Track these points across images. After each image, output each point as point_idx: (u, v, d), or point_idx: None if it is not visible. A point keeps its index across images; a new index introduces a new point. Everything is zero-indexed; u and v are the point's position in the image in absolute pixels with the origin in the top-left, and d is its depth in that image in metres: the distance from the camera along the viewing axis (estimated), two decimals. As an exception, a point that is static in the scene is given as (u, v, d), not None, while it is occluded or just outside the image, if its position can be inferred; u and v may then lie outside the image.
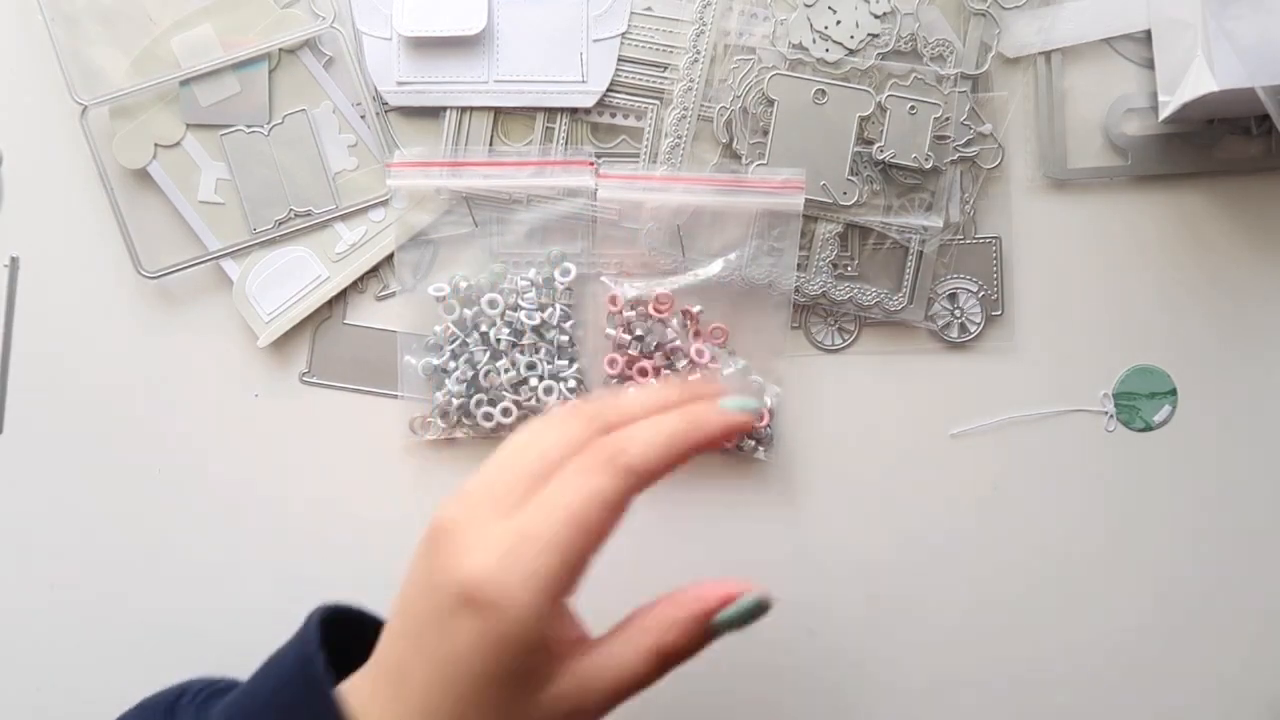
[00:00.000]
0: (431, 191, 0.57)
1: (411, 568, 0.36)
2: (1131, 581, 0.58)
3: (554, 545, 0.33)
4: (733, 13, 0.56)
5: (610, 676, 0.35)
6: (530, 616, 0.33)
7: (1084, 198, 0.58)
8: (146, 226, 0.58)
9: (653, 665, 0.35)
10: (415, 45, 0.57)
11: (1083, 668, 0.58)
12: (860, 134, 0.56)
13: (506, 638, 0.33)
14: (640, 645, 0.35)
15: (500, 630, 0.33)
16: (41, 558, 0.59)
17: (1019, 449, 0.58)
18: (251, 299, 0.57)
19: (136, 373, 0.59)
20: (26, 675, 0.59)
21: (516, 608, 0.32)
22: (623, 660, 0.35)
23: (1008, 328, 0.58)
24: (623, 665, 0.35)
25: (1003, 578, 0.58)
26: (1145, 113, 0.57)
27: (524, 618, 0.33)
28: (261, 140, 0.57)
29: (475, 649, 0.33)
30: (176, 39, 0.56)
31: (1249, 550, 0.58)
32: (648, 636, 0.36)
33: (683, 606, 0.36)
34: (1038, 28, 0.57)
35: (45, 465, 0.59)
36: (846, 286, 0.57)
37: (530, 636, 0.33)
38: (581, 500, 0.34)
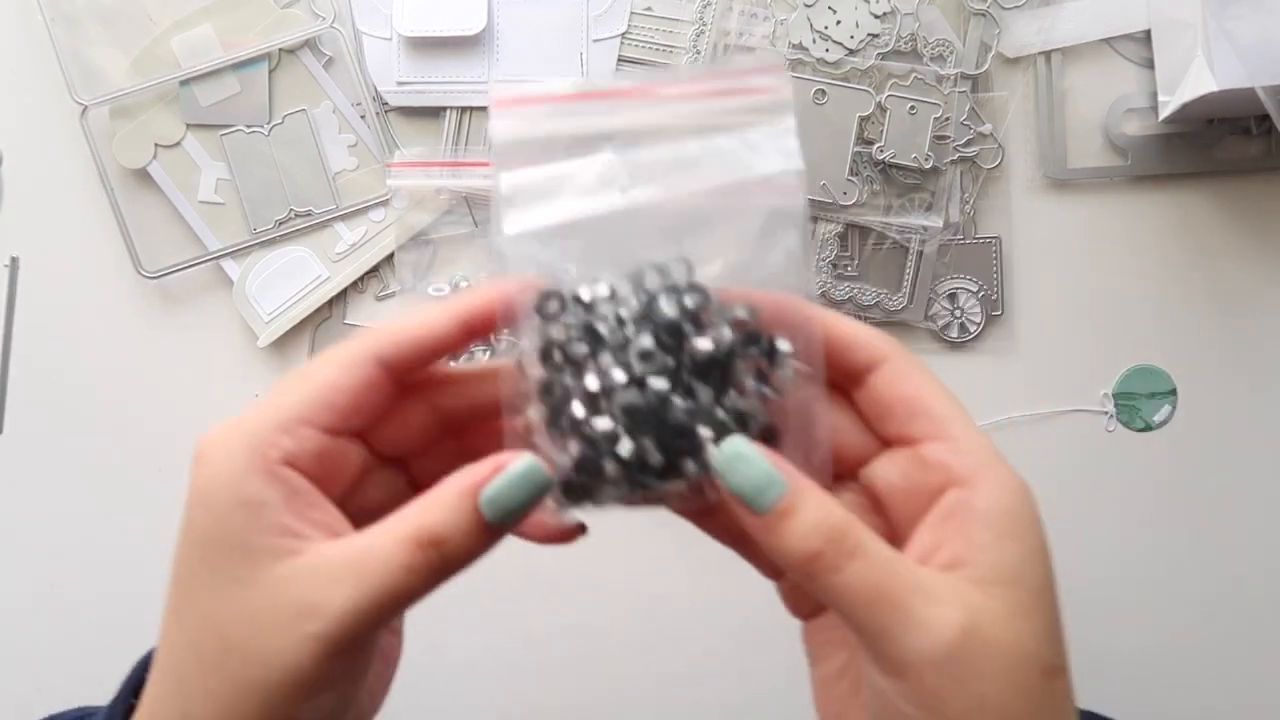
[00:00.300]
0: (431, 191, 0.57)
1: None
2: (1132, 580, 0.58)
3: (270, 397, 0.31)
4: (733, 13, 0.56)
5: (357, 567, 0.28)
6: (224, 465, 0.29)
7: (1084, 198, 0.58)
8: (146, 226, 0.58)
9: (413, 556, 0.28)
10: (415, 45, 0.57)
11: (1082, 667, 0.58)
12: (860, 134, 0.56)
13: (200, 489, 0.30)
14: (399, 531, 0.29)
15: (198, 485, 0.30)
16: (41, 558, 0.59)
17: (1019, 449, 0.58)
18: (251, 299, 0.57)
19: (136, 373, 0.59)
20: (26, 675, 0.59)
21: (212, 455, 0.30)
22: (376, 549, 0.28)
23: (1008, 328, 0.58)
24: (374, 555, 0.28)
25: (1003, 578, 0.58)
26: (1145, 113, 0.57)
27: (220, 467, 0.29)
28: (261, 140, 0.57)
29: (186, 506, 0.30)
30: (176, 39, 0.56)
31: (1249, 549, 0.58)
32: (409, 521, 0.29)
33: (450, 483, 0.29)
34: (1038, 28, 0.57)
35: (45, 465, 0.59)
36: (846, 286, 0.57)
37: (224, 488, 0.29)
38: (316, 362, 0.31)
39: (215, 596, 0.29)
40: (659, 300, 0.30)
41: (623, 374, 0.29)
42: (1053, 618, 0.29)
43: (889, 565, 0.27)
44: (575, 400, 0.30)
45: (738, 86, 0.32)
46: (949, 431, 0.30)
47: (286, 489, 0.30)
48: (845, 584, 0.27)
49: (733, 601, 0.58)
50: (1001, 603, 0.27)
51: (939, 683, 0.26)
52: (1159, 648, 0.58)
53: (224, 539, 0.29)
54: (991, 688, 0.26)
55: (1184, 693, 0.58)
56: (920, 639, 0.26)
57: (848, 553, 0.27)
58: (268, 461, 0.30)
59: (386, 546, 0.29)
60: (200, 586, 0.30)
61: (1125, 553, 0.59)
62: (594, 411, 0.29)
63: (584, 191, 0.31)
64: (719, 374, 0.29)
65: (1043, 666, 0.28)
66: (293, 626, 0.28)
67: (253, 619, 0.29)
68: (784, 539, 0.27)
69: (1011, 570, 0.28)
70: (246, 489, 0.29)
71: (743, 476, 0.28)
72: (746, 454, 0.28)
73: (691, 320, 0.30)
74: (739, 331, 0.30)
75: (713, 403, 0.29)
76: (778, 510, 0.28)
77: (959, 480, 0.29)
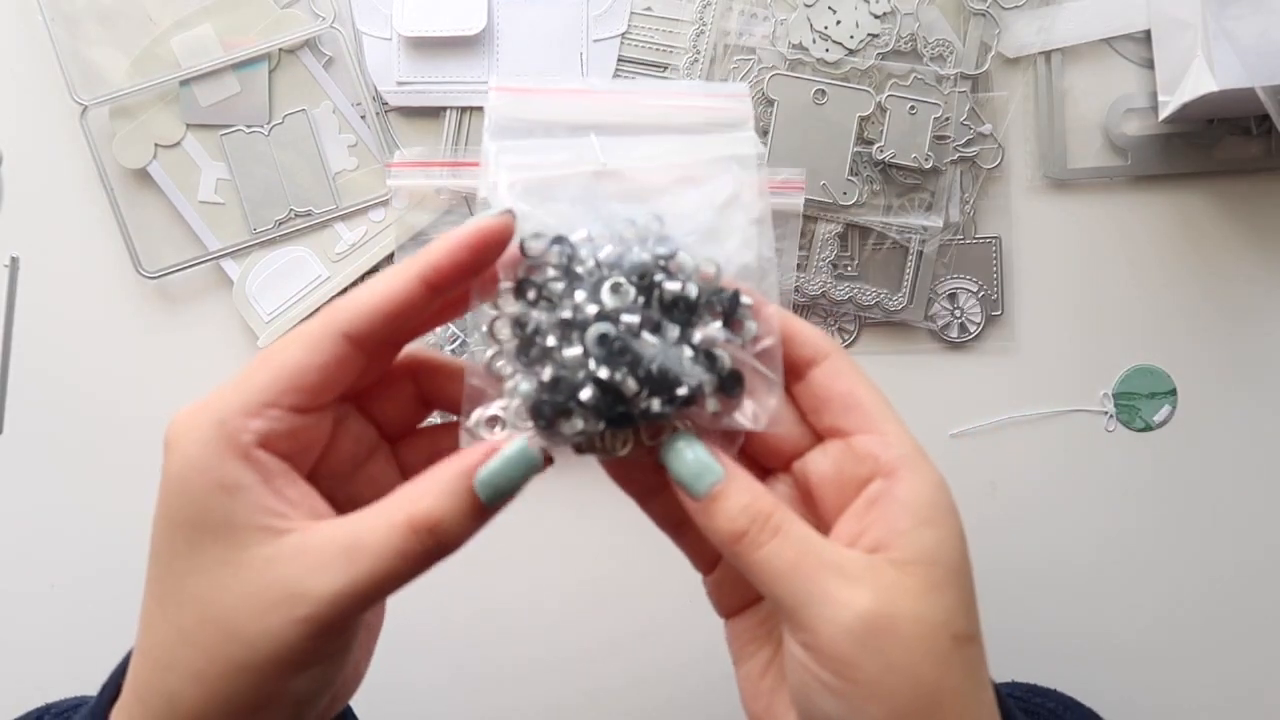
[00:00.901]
0: (431, 191, 0.57)
1: None
2: (1131, 580, 0.58)
3: (238, 380, 0.30)
4: (733, 13, 0.56)
5: (348, 552, 0.28)
6: (197, 450, 0.30)
7: (1084, 198, 0.58)
8: (146, 226, 0.58)
9: (406, 541, 0.29)
10: (415, 45, 0.57)
11: (1082, 667, 0.58)
12: (860, 134, 0.56)
13: (174, 474, 0.30)
14: (391, 516, 0.29)
15: (172, 471, 0.30)
16: (41, 558, 0.59)
17: (1019, 449, 0.58)
18: (251, 299, 0.57)
19: (136, 373, 0.59)
20: (26, 675, 0.59)
21: (184, 441, 0.30)
22: (367, 535, 0.29)
23: (1008, 328, 0.58)
24: (365, 541, 0.28)
25: (1002, 577, 0.58)
26: (1145, 113, 0.57)
27: (192, 452, 0.30)
28: (261, 140, 0.57)
29: (161, 491, 0.30)
30: (176, 39, 0.56)
31: (1248, 549, 0.58)
32: (400, 507, 0.29)
33: (443, 468, 0.30)
34: (1038, 28, 0.57)
35: (45, 465, 0.59)
36: (846, 286, 0.57)
37: (199, 473, 0.29)
38: (283, 341, 0.31)
39: (200, 579, 0.29)
40: (633, 247, 0.32)
41: (595, 308, 0.31)
42: (965, 594, 0.31)
43: (808, 544, 0.30)
44: (549, 331, 0.31)
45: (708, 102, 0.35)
46: (880, 426, 0.32)
47: (262, 471, 0.30)
48: (766, 559, 0.30)
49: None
50: (916, 579, 0.29)
51: (852, 650, 0.28)
52: (1158, 646, 0.58)
53: (205, 522, 0.29)
54: (902, 654, 0.28)
55: (1183, 689, 0.58)
56: (834, 610, 0.29)
57: (770, 531, 0.30)
58: (241, 446, 0.30)
59: (379, 532, 0.29)
60: (184, 570, 0.30)
61: (1125, 552, 0.59)
62: (567, 342, 0.31)
63: (566, 162, 0.33)
64: (686, 315, 0.31)
65: (953, 633, 0.30)
66: (281, 609, 0.29)
67: (240, 600, 0.29)
68: (715, 519, 0.30)
69: (928, 552, 0.30)
70: (224, 473, 0.29)
71: (684, 464, 0.31)
72: (690, 444, 0.31)
73: (662, 269, 0.32)
74: (705, 281, 0.32)
75: (680, 339, 0.31)
76: (712, 495, 0.31)
77: (885, 471, 0.31)
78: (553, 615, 0.59)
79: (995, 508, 0.58)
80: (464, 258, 0.31)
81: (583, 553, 0.58)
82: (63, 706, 0.42)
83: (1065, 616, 0.58)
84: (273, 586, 0.29)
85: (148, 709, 0.30)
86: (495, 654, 0.59)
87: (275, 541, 0.29)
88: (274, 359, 0.31)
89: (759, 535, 0.30)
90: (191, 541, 0.30)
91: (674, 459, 0.31)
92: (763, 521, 0.30)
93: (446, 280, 0.31)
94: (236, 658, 0.29)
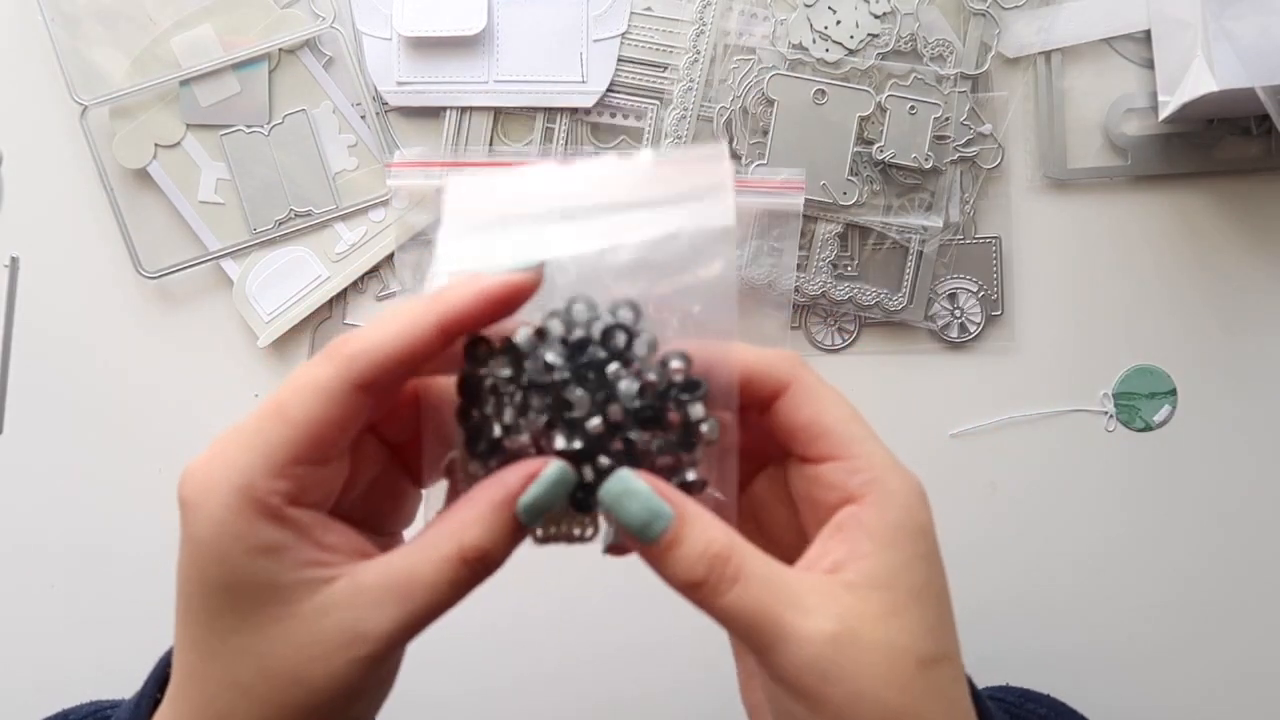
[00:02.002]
0: (431, 191, 0.57)
1: None
2: (1132, 580, 0.58)
3: (255, 438, 0.29)
4: (733, 13, 0.56)
5: (402, 590, 0.29)
6: (224, 518, 0.29)
7: (1084, 198, 0.58)
8: (146, 226, 0.58)
9: (458, 573, 0.29)
10: (415, 45, 0.57)
11: (1082, 666, 0.58)
12: (860, 134, 0.56)
13: (206, 541, 0.29)
14: (440, 550, 0.29)
15: (199, 534, 0.29)
16: (41, 558, 0.59)
17: (1019, 449, 0.58)
18: (251, 299, 0.57)
19: (136, 373, 0.59)
20: (26, 675, 0.59)
21: (208, 508, 0.29)
22: (418, 568, 0.29)
23: (1008, 328, 0.58)
24: (418, 577, 0.29)
25: (1002, 577, 0.58)
26: (1145, 113, 0.57)
27: (219, 520, 0.29)
28: (261, 140, 0.57)
29: (186, 553, 0.29)
30: (176, 39, 0.56)
31: (1249, 549, 0.58)
32: (449, 540, 0.30)
33: (482, 498, 0.30)
34: (1038, 28, 0.57)
35: (45, 465, 0.59)
36: (846, 286, 0.57)
37: (232, 541, 0.29)
38: (288, 389, 0.30)
39: (252, 635, 0.29)
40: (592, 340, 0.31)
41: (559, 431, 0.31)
42: (931, 615, 0.30)
43: (766, 585, 0.29)
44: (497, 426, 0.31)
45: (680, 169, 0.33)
46: (847, 450, 0.31)
47: (298, 528, 0.30)
48: (728, 607, 0.29)
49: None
50: (874, 604, 0.29)
51: (817, 684, 0.28)
52: (1157, 647, 0.58)
53: (248, 584, 0.29)
54: (866, 682, 0.28)
55: (1182, 691, 0.58)
56: (796, 649, 0.28)
57: (730, 578, 0.29)
58: (271, 509, 0.29)
59: (431, 566, 0.29)
60: (230, 628, 0.30)
61: (1125, 552, 0.59)
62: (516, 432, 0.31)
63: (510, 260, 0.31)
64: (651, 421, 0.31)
65: (918, 657, 0.29)
66: (343, 652, 0.29)
67: (300, 650, 0.29)
68: (672, 568, 0.30)
69: (886, 575, 0.30)
70: (260, 537, 0.29)
71: (630, 512, 0.30)
72: (633, 489, 0.30)
73: (624, 366, 0.31)
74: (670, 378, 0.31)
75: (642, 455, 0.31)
76: (665, 541, 0.29)
77: (852, 497, 0.31)
78: (561, 624, 0.59)
79: (995, 508, 0.58)
80: (486, 310, 0.30)
81: (589, 562, 0.58)
82: (81, 713, 0.42)
83: (1065, 617, 0.58)
84: (331, 632, 0.29)
85: None
86: (504, 664, 0.59)
87: (325, 590, 0.29)
88: (289, 414, 0.30)
89: (719, 584, 0.29)
90: (234, 603, 0.29)
91: (618, 506, 0.30)
92: (721, 567, 0.29)
93: (465, 330, 0.30)
94: (302, 702, 0.29)
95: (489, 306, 0.30)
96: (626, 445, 0.31)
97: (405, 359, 0.30)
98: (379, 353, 0.30)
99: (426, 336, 0.30)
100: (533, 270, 0.31)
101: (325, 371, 0.30)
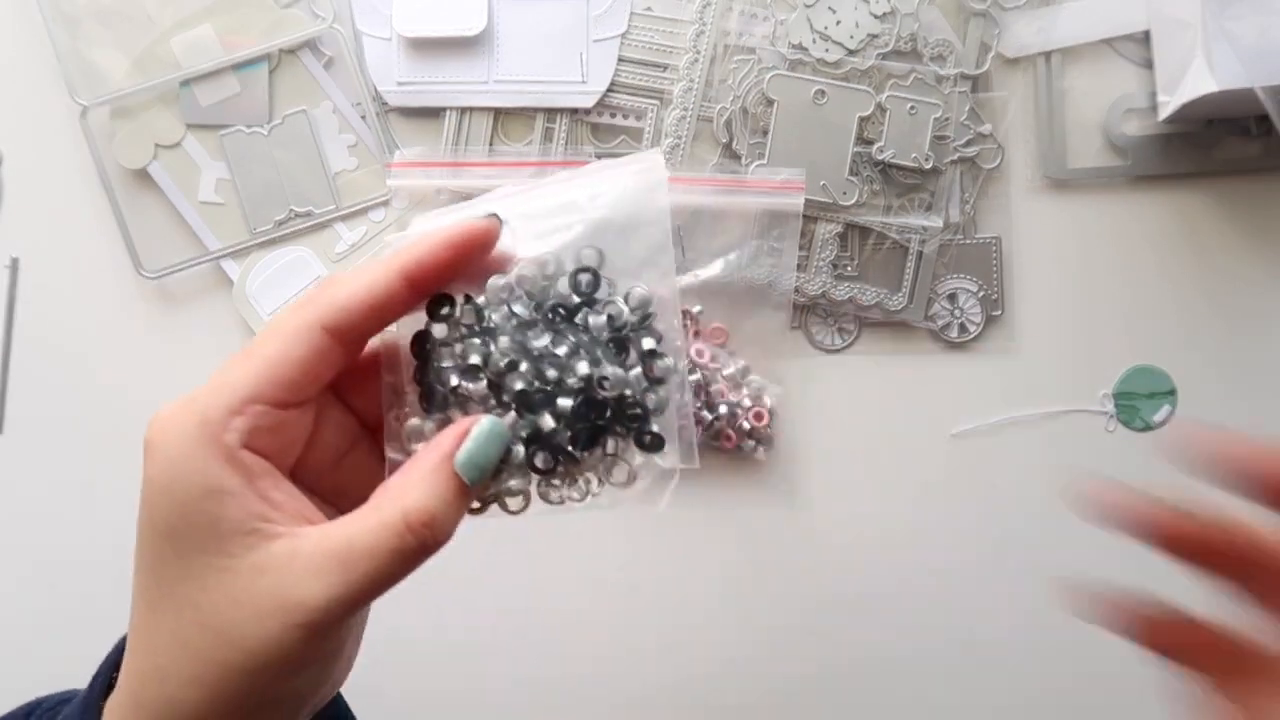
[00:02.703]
0: (431, 191, 0.57)
1: None
2: (1132, 581, 0.58)
3: (218, 377, 0.30)
4: (733, 13, 0.56)
5: (341, 558, 0.29)
6: (180, 452, 0.29)
7: (1084, 198, 0.58)
8: (146, 226, 0.58)
9: (403, 540, 0.29)
10: (415, 45, 0.57)
11: (1082, 666, 0.58)
12: (860, 134, 0.56)
13: (159, 479, 0.29)
14: (381, 515, 0.29)
15: (156, 474, 0.29)
16: (42, 557, 0.59)
17: (1019, 449, 0.58)
18: (251, 299, 0.57)
19: (136, 373, 0.59)
20: (26, 675, 0.59)
21: (166, 443, 0.29)
22: (358, 537, 0.29)
23: (1008, 328, 0.58)
24: (359, 546, 0.29)
25: (1002, 577, 0.58)
26: (1145, 113, 0.57)
27: (175, 454, 0.29)
28: (261, 140, 0.57)
29: (143, 496, 0.30)
30: (176, 39, 0.56)
31: (1249, 550, 0.58)
32: (390, 505, 0.29)
33: (418, 462, 0.30)
34: (1038, 28, 0.57)
35: (45, 465, 0.59)
36: (846, 286, 0.57)
37: (184, 477, 0.29)
38: (261, 337, 0.31)
39: (192, 584, 0.29)
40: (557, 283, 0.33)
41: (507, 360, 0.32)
42: None
43: None
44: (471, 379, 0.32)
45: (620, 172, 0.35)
46: None
47: (247, 473, 0.30)
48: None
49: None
50: None
51: None
52: (1159, 648, 0.58)
53: (193, 528, 0.29)
54: None
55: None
56: None
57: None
58: (226, 447, 0.29)
59: (372, 533, 0.29)
60: (175, 576, 0.29)
61: (1125, 553, 0.58)
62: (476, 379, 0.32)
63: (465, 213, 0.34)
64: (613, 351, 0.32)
65: None
66: (277, 616, 0.29)
67: (235, 607, 0.29)
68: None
69: None
70: (208, 477, 0.29)
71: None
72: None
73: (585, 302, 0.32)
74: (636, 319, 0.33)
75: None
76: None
77: None
78: (568, 623, 0.59)
79: (995, 508, 0.58)
80: (447, 256, 0.31)
81: (599, 560, 0.58)
82: (53, 700, 0.42)
83: (1064, 616, 0.58)
84: (266, 594, 0.29)
85: (145, 712, 0.30)
86: (505, 663, 0.59)
87: (264, 547, 0.29)
88: (253, 354, 0.30)
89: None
90: (178, 548, 0.29)
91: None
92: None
93: (428, 278, 0.31)
94: (235, 663, 0.29)
95: (448, 253, 0.31)
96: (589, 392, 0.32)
97: (370, 303, 0.30)
98: (343, 297, 0.30)
99: (390, 283, 0.30)
100: (488, 218, 0.31)
101: (292, 313, 0.31)
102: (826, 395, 0.58)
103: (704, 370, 0.55)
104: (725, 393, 0.56)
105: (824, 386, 0.58)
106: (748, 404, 0.56)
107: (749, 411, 0.56)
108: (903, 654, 0.58)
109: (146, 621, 0.30)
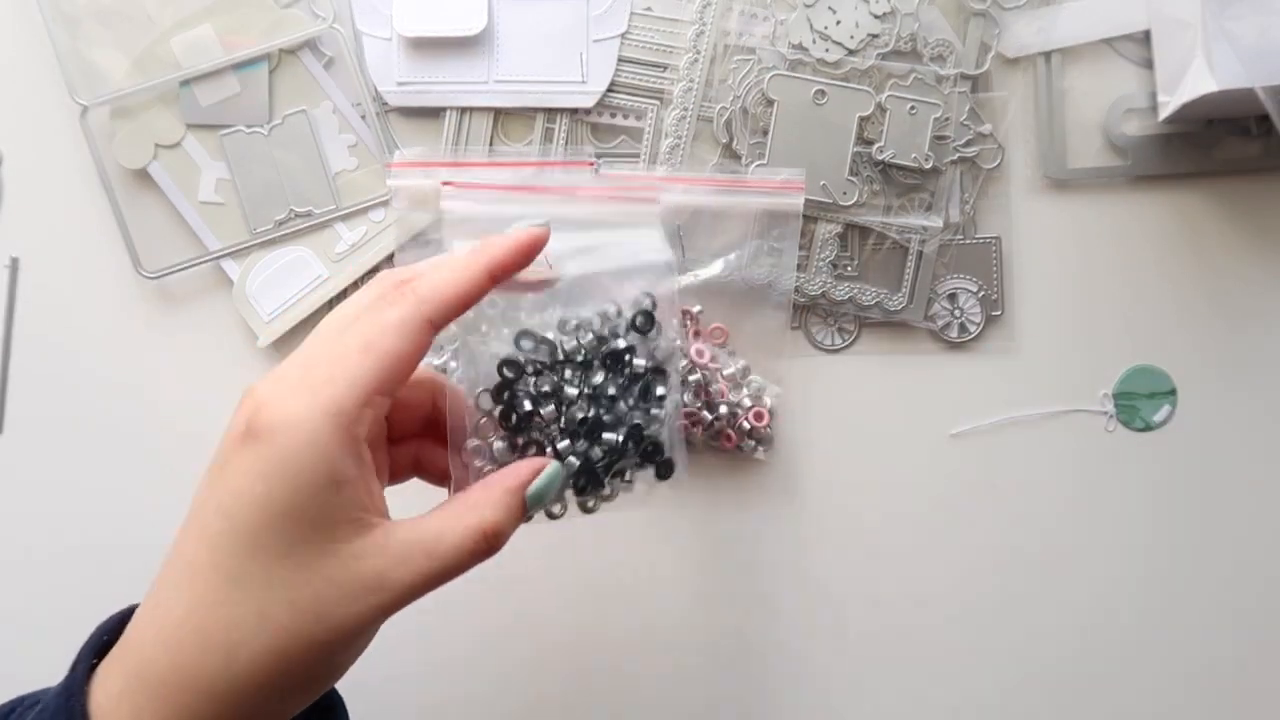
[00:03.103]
0: (431, 192, 0.57)
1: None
2: (1132, 581, 0.58)
3: (339, 369, 0.32)
4: (733, 13, 0.56)
5: (429, 549, 0.33)
6: (312, 440, 0.31)
7: (1084, 198, 0.58)
8: (146, 226, 0.58)
9: (477, 544, 0.34)
10: (415, 45, 0.57)
11: (1083, 666, 0.58)
12: (860, 134, 0.56)
13: (286, 463, 0.31)
14: (465, 521, 0.34)
15: (280, 455, 0.31)
16: (41, 557, 0.59)
17: (1019, 449, 0.58)
18: (251, 299, 0.57)
19: (136, 373, 0.59)
20: (26, 675, 0.59)
21: (296, 430, 0.31)
22: (446, 534, 0.34)
23: (1008, 328, 0.58)
24: (446, 541, 0.34)
25: (1003, 577, 0.58)
26: (1145, 113, 0.57)
27: (306, 441, 0.31)
28: (261, 140, 0.57)
29: (255, 476, 0.31)
30: (176, 39, 0.56)
31: (1249, 549, 0.58)
32: (472, 513, 0.35)
33: (498, 484, 0.36)
34: (1038, 28, 0.57)
35: (45, 465, 0.59)
36: (846, 286, 0.57)
37: (313, 464, 0.31)
38: (366, 327, 0.33)
39: (291, 563, 0.31)
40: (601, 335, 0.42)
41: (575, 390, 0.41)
42: None
43: None
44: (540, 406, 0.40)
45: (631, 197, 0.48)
46: None
47: (363, 465, 0.33)
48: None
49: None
50: None
51: None
52: (1156, 644, 0.58)
53: (308, 513, 0.31)
54: None
55: (1183, 691, 0.58)
56: None
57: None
58: (355, 439, 0.32)
59: (457, 534, 0.34)
60: (273, 556, 0.31)
61: (1125, 553, 0.59)
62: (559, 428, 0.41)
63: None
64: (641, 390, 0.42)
65: None
66: (368, 597, 0.32)
67: (329, 585, 0.32)
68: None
69: None
70: (338, 466, 0.32)
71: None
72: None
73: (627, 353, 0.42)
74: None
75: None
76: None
77: None
78: (566, 624, 0.59)
79: (995, 508, 0.58)
80: (518, 256, 0.37)
81: (599, 560, 0.58)
82: (33, 698, 0.43)
83: (1064, 617, 0.59)
84: (362, 576, 0.32)
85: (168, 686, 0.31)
86: (506, 661, 0.59)
87: (367, 535, 0.32)
88: (376, 348, 0.33)
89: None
90: (287, 530, 0.31)
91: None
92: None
93: (505, 276, 0.37)
94: (319, 638, 0.32)
95: (520, 253, 0.37)
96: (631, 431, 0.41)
97: (465, 298, 0.35)
98: (447, 292, 0.34)
99: (479, 279, 0.35)
100: (544, 225, 0.38)
101: (399, 311, 0.34)
102: (826, 395, 0.58)
103: (704, 370, 0.55)
104: (725, 393, 0.56)
105: (824, 386, 0.58)
106: (748, 404, 0.56)
107: (749, 411, 0.56)
108: (903, 654, 0.58)
109: (223, 596, 0.32)
